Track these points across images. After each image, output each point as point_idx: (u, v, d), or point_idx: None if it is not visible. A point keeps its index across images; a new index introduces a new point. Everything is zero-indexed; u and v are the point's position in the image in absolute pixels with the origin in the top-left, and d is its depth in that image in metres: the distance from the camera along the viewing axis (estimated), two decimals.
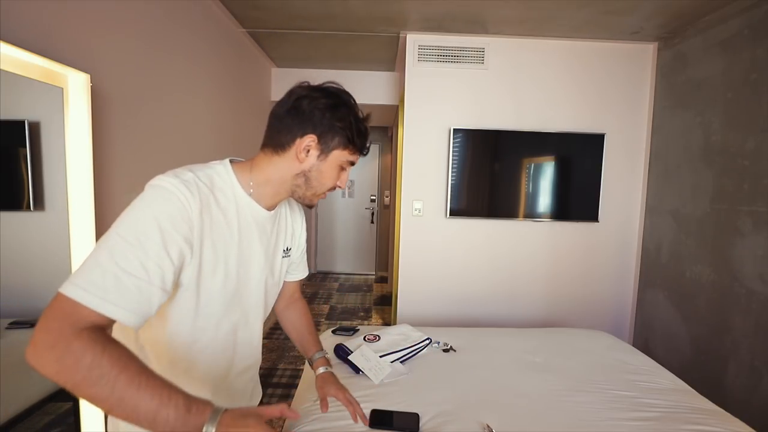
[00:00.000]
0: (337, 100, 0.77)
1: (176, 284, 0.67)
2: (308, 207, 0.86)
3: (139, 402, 0.51)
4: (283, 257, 0.94)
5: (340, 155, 0.79)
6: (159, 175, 0.66)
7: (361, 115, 0.80)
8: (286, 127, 0.76)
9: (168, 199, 0.63)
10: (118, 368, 0.51)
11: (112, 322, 0.57)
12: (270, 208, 0.84)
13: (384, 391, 1.39)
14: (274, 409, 0.61)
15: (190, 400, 0.55)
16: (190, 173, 0.69)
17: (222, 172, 0.76)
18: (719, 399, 1.82)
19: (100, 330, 0.55)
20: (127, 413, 0.51)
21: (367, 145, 0.83)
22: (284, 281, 1.04)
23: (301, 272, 1.09)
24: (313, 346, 1.10)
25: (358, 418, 1.07)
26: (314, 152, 0.77)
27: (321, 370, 1.09)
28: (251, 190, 0.78)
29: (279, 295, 1.03)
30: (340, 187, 0.84)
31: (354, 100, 0.81)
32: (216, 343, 0.79)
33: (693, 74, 2.26)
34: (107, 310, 0.55)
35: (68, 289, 0.54)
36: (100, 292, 0.54)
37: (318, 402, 1.13)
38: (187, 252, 0.65)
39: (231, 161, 0.79)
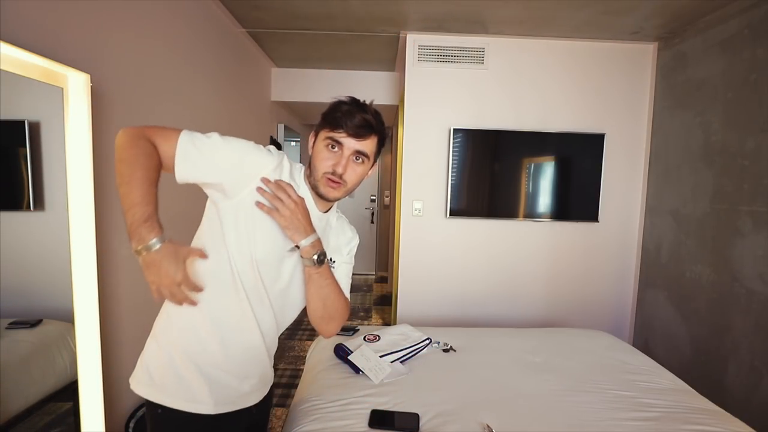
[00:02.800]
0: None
1: (229, 195, 0.82)
2: (326, 199, 0.89)
3: (134, 190, 0.70)
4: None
5: (322, 135, 0.87)
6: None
7: (344, 99, 0.89)
8: None
9: (262, 150, 0.85)
10: (143, 168, 0.72)
11: (172, 163, 0.77)
12: (322, 209, 0.94)
13: (384, 391, 1.39)
14: (196, 250, 0.80)
15: (153, 218, 0.71)
16: (285, 154, 0.89)
17: (298, 167, 0.92)
18: (719, 399, 1.82)
19: (158, 152, 0.76)
20: (123, 192, 0.71)
21: (346, 116, 0.84)
22: None
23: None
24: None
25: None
26: (312, 142, 0.91)
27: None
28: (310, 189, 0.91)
29: None
30: (336, 170, 0.85)
31: (355, 99, 0.89)
32: (246, 303, 0.86)
33: (693, 74, 2.26)
34: (183, 167, 0.77)
35: (184, 131, 0.78)
36: (192, 147, 0.77)
37: (319, 399, 1.11)
38: (239, 184, 0.81)
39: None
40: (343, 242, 1.03)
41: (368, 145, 0.89)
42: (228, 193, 0.81)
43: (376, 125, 0.89)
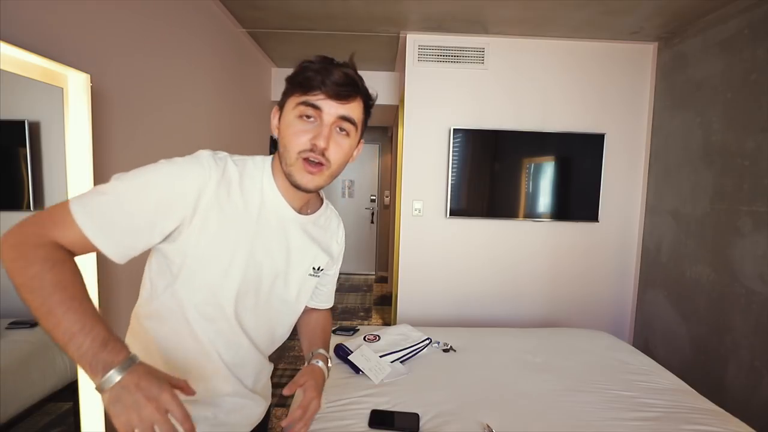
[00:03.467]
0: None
1: (171, 240, 0.66)
2: (304, 191, 0.71)
3: (62, 321, 0.52)
4: (310, 275, 0.84)
5: (290, 104, 0.68)
6: (200, 150, 0.70)
7: (315, 58, 0.69)
8: None
9: (192, 166, 0.65)
10: (56, 288, 0.54)
11: (89, 247, 0.59)
12: (301, 209, 0.78)
13: (384, 391, 1.39)
14: (180, 382, 0.57)
15: (111, 338, 0.54)
16: (225, 153, 0.71)
17: (259, 161, 0.74)
18: (719, 399, 1.81)
19: (62, 251, 0.57)
20: (50, 327, 0.53)
21: (320, 73, 0.65)
22: (306, 305, 0.92)
23: (323, 302, 0.99)
24: (321, 343, 0.93)
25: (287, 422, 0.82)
26: (277, 117, 0.72)
27: (316, 362, 0.88)
28: (280, 185, 0.74)
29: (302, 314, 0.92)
30: (317, 144, 0.66)
31: (327, 57, 0.71)
32: (209, 336, 0.71)
33: (693, 74, 2.26)
34: (93, 234, 0.58)
35: (73, 202, 0.59)
36: (96, 216, 0.58)
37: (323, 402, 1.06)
38: (188, 216, 0.64)
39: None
40: (334, 247, 0.90)
41: (354, 109, 0.69)
42: (171, 236, 0.66)
43: (360, 83, 0.70)
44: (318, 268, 0.85)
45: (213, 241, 0.67)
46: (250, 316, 0.75)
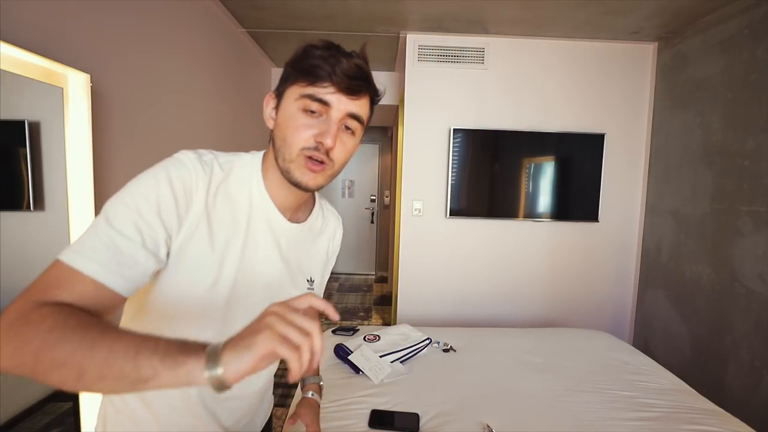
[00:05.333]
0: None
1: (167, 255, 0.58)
2: (304, 189, 0.63)
3: (115, 344, 0.42)
4: (307, 288, 0.77)
5: (292, 94, 0.60)
6: (180, 151, 0.61)
7: (319, 43, 0.60)
8: None
9: (176, 168, 0.57)
10: (85, 326, 0.43)
11: (105, 296, 0.50)
12: (292, 216, 0.70)
13: (384, 391, 1.39)
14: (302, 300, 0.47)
15: (180, 341, 0.44)
16: (210, 155, 0.63)
17: (247, 161, 0.66)
18: (719, 399, 1.82)
19: (68, 305, 0.47)
20: (99, 364, 0.41)
21: (328, 62, 0.57)
22: None
23: None
24: (310, 369, 0.90)
25: None
26: (273, 109, 0.63)
27: (310, 394, 0.88)
28: (269, 188, 0.66)
29: None
30: (324, 142, 0.58)
31: (334, 43, 0.61)
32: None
33: (693, 74, 2.26)
34: (93, 270, 0.48)
35: (64, 253, 0.51)
36: (89, 252, 0.49)
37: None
38: (176, 224, 0.56)
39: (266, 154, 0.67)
40: (331, 249, 0.83)
41: (363, 106, 0.62)
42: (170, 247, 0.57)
43: (371, 78, 0.62)
44: (311, 280, 0.77)
45: (200, 254, 0.59)
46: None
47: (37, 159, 1.11)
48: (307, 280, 0.77)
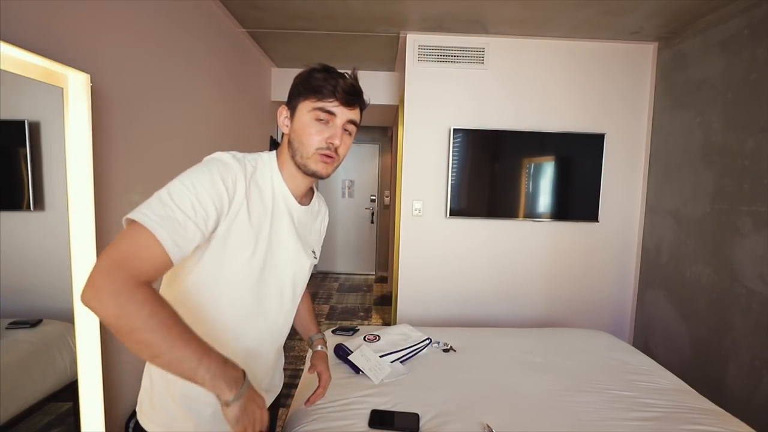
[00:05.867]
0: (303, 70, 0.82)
1: (211, 236, 0.72)
2: (319, 177, 0.83)
3: (186, 350, 0.59)
4: (313, 258, 0.95)
5: (305, 107, 0.79)
6: (216, 152, 0.77)
7: (317, 66, 0.81)
8: None
9: (222, 164, 0.73)
10: (172, 321, 0.59)
11: (163, 265, 0.63)
12: (302, 198, 0.88)
13: (384, 391, 1.39)
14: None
15: (224, 356, 0.63)
16: (239, 154, 0.79)
17: (266, 158, 0.83)
18: (719, 399, 1.82)
19: (157, 292, 0.62)
20: (173, 358, 0.58)
21: (330, 82, 0.77)
22: None
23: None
24: (313, 327, 1.13)
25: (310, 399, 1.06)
26: (287, 118, 0.82)
27: (318, 347, 1.10)
28: (285, 179, 0.84)
29: None
30: (333, 143, 0.78)
31: (328, 66, 0.81)
32: (238, 317, 0.80)
33: (693, 74, 2.26)
34: (160, 234, 0.61)
35: (142, 219, 0.61)
36: (159, 220, 0.62)
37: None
38: (226, 209, 0.71)
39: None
40: (323, 229, 1.04)
41: (357, 114, 0.83)
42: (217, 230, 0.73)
43: (362, 94, 0.83)
44: (314, 251, 0.95)
45: (242, 232, 0.75)
46: (270, 298, 0.84)
47: (37, 159, 1.11)
48: (312, 252, 0.94)
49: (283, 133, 0.85)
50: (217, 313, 0.77)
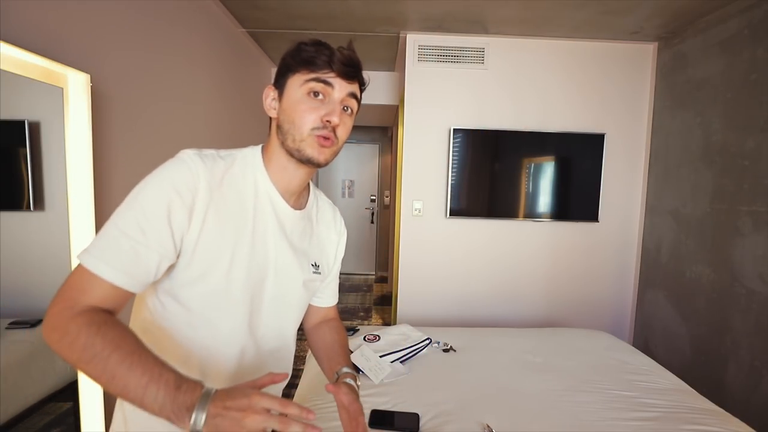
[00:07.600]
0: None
1: (179, 253, 0.63)
2: (315, 165, 0.69)
3: (130, 380, 0.51)
4: (313, 272, 0.80)
5: (296, 81, 0.66)
6: (182, 150, 0.66)
7: (309, 41, 0.68)
8: None
9: (177, 167, 0.63)
10: (110, 348, 0.52)
11: (119, 295, 0.58)
12: (294, 203, 0.75)
13: (384, 391, 1.39)
14: (264, 379, 0.56)
15: (181, 378, 0.52)
16: (213, 150, 0.69)
17: (248, 154, 0.71)
18: (719, 399, 1.82)
19: (100, 312, 0.57)
20: (119, 390, 0.52)
21: (324, 53, 0.65)
22: (310, 305, 0.91)
23: (328, 298, 0.94)
24: (343, 360, 0.86)
25: None
26: (274, 99, 0.70)
27: (349, 380, 0.81)
28: (272, 176, 0.71)
29: (308, 315, 0.93)
30: (331, 120, 0.65)
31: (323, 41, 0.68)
32: (217, 341, 0.68)
33: (693, 74, 2.26)
34: (102, 270, 0.56)
35: (83, 259, 0.57)
36: (99, 253, 0.57)
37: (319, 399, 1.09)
38: (186, 220, 0.62)
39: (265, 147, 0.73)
40: (334, 238, 0.87)
41: (357, 89, 0.70)
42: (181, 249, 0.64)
43: (361, 65, 0.70)
44: (316, 264, 0.81)
45: (211, 243, 0.64)
46: (256, 319, 0.71)
47: (37, 159, 1.11)
48: (312, 265, 0.79)
49: (270, 120, 0.71)
50: (193, 332, 0.67)
